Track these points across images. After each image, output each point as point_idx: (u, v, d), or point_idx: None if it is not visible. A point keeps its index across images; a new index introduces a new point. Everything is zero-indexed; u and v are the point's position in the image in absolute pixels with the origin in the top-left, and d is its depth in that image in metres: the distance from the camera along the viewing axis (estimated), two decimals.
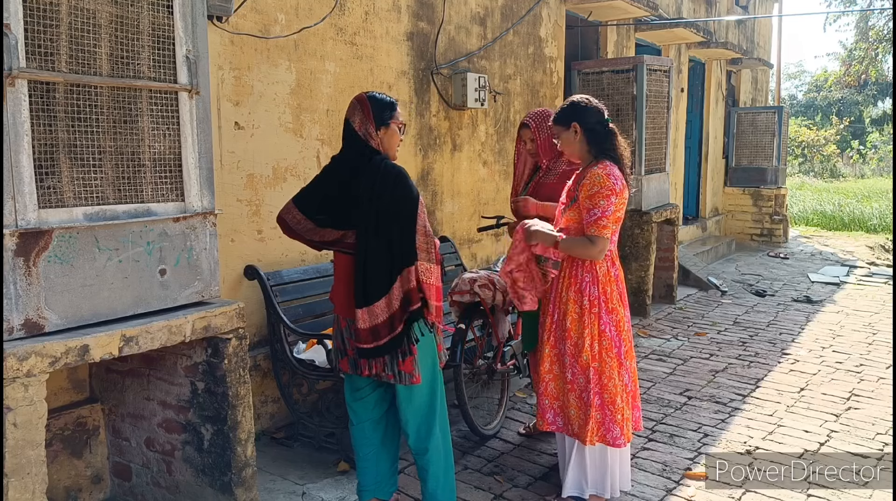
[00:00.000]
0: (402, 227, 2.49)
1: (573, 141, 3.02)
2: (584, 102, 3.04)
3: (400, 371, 2.59)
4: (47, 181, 2.10)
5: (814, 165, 27.09)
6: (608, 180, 2.86)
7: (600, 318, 2.94)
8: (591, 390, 2.93)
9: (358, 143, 2.60)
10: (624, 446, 2.99)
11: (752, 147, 11.32)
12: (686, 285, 7.79)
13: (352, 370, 2.71)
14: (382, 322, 2.52)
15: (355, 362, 2.67)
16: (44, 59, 2.06)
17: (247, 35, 3.62)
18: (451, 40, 5.13)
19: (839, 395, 4.50)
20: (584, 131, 2.98)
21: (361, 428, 2.82)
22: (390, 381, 2.62)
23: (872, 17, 22.40)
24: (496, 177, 5.74)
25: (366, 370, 2.64)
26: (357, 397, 2.81)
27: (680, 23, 8.04)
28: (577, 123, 2.99)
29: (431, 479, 2.74)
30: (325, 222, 2.63)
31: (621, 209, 2.96)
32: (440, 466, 2.74)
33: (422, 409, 2.70)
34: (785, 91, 36.90)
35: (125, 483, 2.98)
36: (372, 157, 2.58)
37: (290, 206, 2.70)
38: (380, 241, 2.49)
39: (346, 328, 2.68)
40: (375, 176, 2.52)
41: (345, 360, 2.74)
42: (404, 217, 2.49)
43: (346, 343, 2.70)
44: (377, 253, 2.50)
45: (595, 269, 2.95)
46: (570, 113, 3.02)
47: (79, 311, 2.21)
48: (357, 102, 2.64)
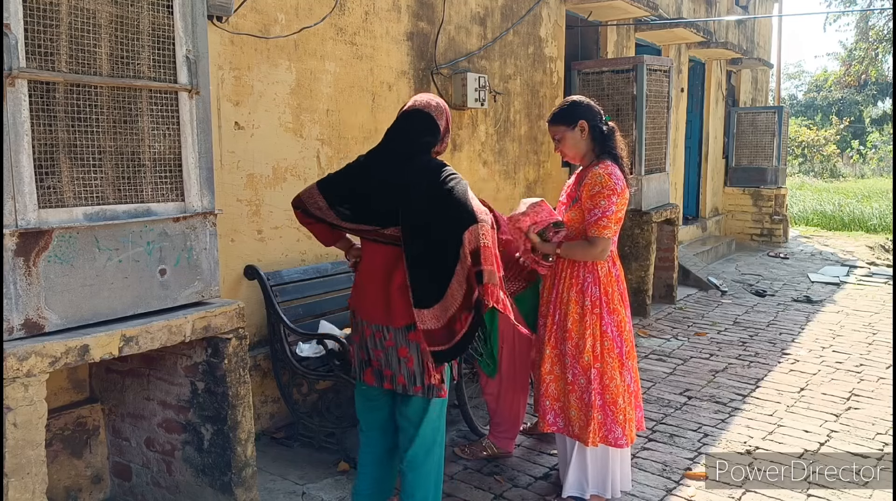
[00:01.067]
0: (456, 201, 2.32)
1: (579, 140, 3.00)
2: (582, 100, 3.04)
3: (430, 384, 2.46)
4: (47, 181, 2.10)
5: (814, 165, 27.08)
6: (610, 180, 2.86)
7: (602, 318, 2.93)
8: (592, 391, 2.93)
9: (418, 145, 2.49)
10: (626, 446, 2.99)
11: (752, 147, 11.32)
12: (686, 285, 7.79)
13: (377, 383, 2.58)
14: (453, 315, 2.29)
15: (381, 373, 2.56)
16: (44, 59, 2.06)
17: (247, 35, 3.62)
18: (451, 40, 5.13)
19: (839, 395, 4.50)
20: (590, 129, 2.97)
21: (370, 436, 2.73)
22: (416, 394, 2.49)
23: (872, 17, 22.40)
24: (496, 177, 5.74)
25: (388, 383, 2.54)
26: (370, 407, 2.70)
27: (680, 23, 8.04)
28: (584, 121, 2.98)
29: (420, 494, 2.61)
30: (346, 216, 2.51)
31: (622, 209, 2.95)
32: (431, 482, 2.63)
33: (432, 423, 2.58)
34: (785, 91, 36.92)
35: (125, 483, 2.98)
36: (416, 157, 2.47)
37: (313, 190, 2.58)
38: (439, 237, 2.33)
39: (371, 336, 2.55)
40: (413, 173, 2.41)
41: (368, 371, 2.61)
42: (458, 194, 2.33)
43: (370, 354, 2.57)
44: (437, 247, 2.32)
45: (596, 269, 2.95)
46: (575, 112, 3.01)
47: (79, 311, 2.21)
48: (440, 107, 2.53)
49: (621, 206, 2.92)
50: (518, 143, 5.99)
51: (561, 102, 3.12)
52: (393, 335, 2.50)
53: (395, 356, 2.52)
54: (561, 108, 3.05)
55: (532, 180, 6.19)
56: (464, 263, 2.25)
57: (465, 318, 2.28)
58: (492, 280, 2.20)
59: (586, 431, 2.94)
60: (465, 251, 2.23)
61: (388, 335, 2.51)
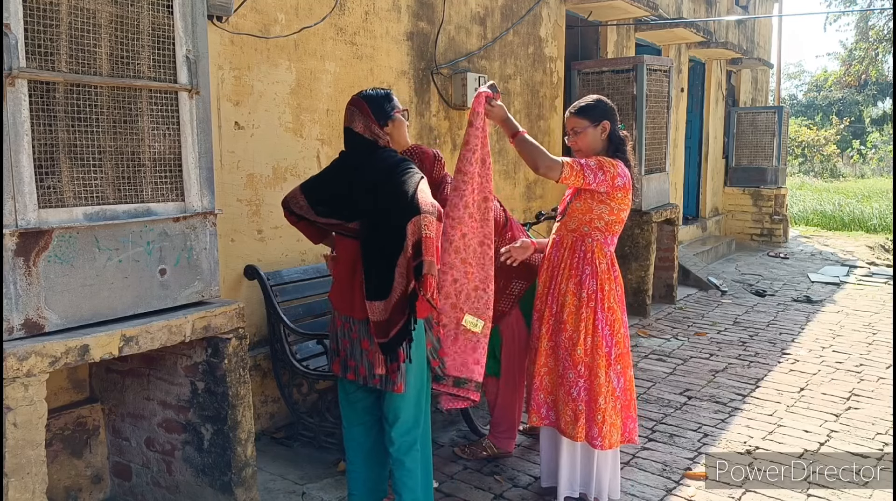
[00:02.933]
0: (403, 193, 2.35)
1: (598, 138, 3.04)
2: (609, 103, 3.10)
3: (386, 376, 2.51)
4: (47, 181, 2.10)
5: (814, 165, 27.08)
6: (612, 168, 2.93)
7: (596, 313, 2.95)
8: (580, 386, 2.95)
9: (366, 144, 2.57)
10: (602, 449, 2.95)
11: (752, 147, 11.32)
12: (686, 285, 7.79)
13: (342, 373, 2.66)
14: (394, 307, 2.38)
15: (346, 363, 2.63)
16: (44, 59, 2.06)
17: (247, 35, 3.62)
18: (451, 40, 5.14)
19: (839, 395, 4.50)
20: (611, 131, 3.02)
21: (352, 433, 2.77)
22: (376, 386, 2.55)
23: (872, 17, 22.40)
24: (496, 177, 5.74)
25: (351, 374, 2.60)
26: (349, 400, 2.75)
27: (680, 23, 8.04)
28: (608, 122, 3.02)
29: (408, 493, 2.64)
30: (325, 212, 2.62)
31: (624, 209, 2.98)
32: (418, 481, 2.64)
33: (407, 421, 2.61)
34: (785, 91, 36.92)
35: (125, 482, 2.98)
36: (373, 152, 2.55)
37: (296, 192, 2.70)
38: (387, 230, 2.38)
39: (341, 327, 2.63)
40: (376, 171, 2.48)
41: (337, 361, 2.68)
42: (406, 187, 2.36)
43: (339, 344, 2.65)
44: (384, 240, 2.39)
45: (595, 263, 2.97)
46: (602, 111, 3.04)
47: (79, 311, 2.21)
48: (354, 107, 2.59)
49: (619, 203, 2.95)
50: None
51: (586, 97, 3.13)
52: (357, 327, 2.57)
53: (358, 348, 2.58)
54: (588, 103, 3.07)
55: (532, 180, 6.19)
56: (405, 254, 2.30)
57: (402, 310, 2.36)
58: (430, 271, 2.23)
59: (574, 426, 2.95)
60: (408, 243, 2.28)
61: (353, 326, 2.58)
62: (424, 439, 2.69)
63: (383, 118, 2.58)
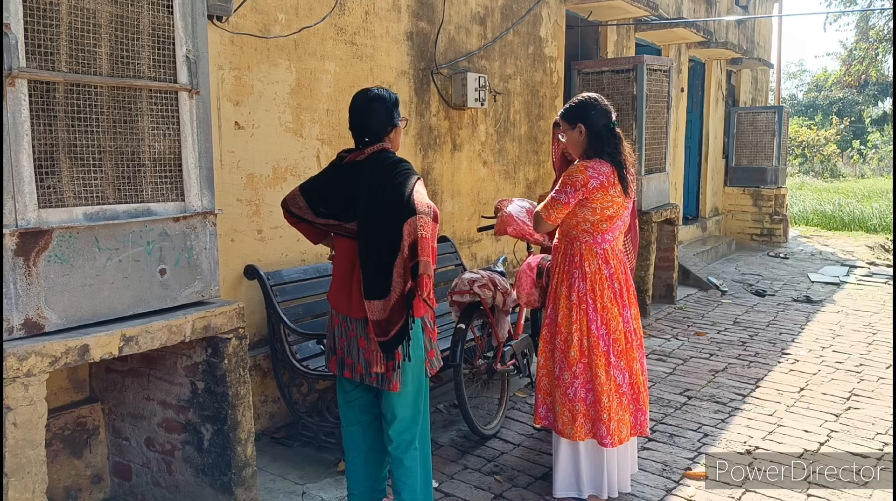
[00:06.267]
0: (399, 194, 2.39)
1: (577, 140, 3.06)
2: (594, 102, 3.04)
3: (382, 374, 2.52)
4: (47, 181, 2.10)
5: (814, 165, 27.07)
6: (576, 174, 2.93)
7: (588, 315, 2.98)
8: (577, 386, 2.96)
9: (371, 143, 2.56)
10: (611, 446, 2.97)
11: (752, 147, 11.32)
12: (686, 284, 7.79)
13: (339, 372, 2.67)
14: (393, 306, 2.40)
15: (343, 362, 2.64)
16: (44, 58, 2.06)
17: (247, 35, 3.62)
18: (451, 40, 5.13)
19: (839, 395, 4.50)
20: (588, 134, 3.00)
21: (350, 431, 2.78)
22: (372, 384, 2.56)
23: (872, 17, 22.38)
24: (496, 177, 5.74)
25: (348, 372, 2.61)
26: (347, 399, 2.76)
27: (680, 23, 8.04)
28: (582, 125, 3.01)
29: (408, 492, 2.65)
30: (325, 214, 2.63)
31: (608, 207, 2.95)
32: (417, 479, 2.66)
33: (405, 420, 2.62)
34: (785, 91, 36.92)
35: (125, 482, 2.98)
36: (374, 153, 2.55)
37: (296, 193, 2.70)
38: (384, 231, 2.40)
39: (338, 325, 2.64)
40: (374, 171, 2.50)
41: (333, 359, 2.69)
42: (402, 188, 2.41)
43: (336, 342, 2.66)
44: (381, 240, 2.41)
45: (583, 266, 3.00)
46: (578, 113, 3.04)
47: (79, 311, 2.21)
48: (374, 103, 2.57)
49: (602, 203, 2.93)
50: (518, 143, 5.99)
51: (573, 99, 3.13)
52: (355, 326, 2.58)
53: (355, 346, 2.59)
54: (568, 106, 3.11)
55: (532, 180, 6.19)
56: (402, 255, 2.34)
57: (401, 310, 2.39)
58: (426, 271, 2.29)
59: (568, 426, 2.98)
60: (404, 244, 2.33)
61: (351, 325, 2.59)
62: (423, 438, 2.70)
63: (393, 123, 2.60)
